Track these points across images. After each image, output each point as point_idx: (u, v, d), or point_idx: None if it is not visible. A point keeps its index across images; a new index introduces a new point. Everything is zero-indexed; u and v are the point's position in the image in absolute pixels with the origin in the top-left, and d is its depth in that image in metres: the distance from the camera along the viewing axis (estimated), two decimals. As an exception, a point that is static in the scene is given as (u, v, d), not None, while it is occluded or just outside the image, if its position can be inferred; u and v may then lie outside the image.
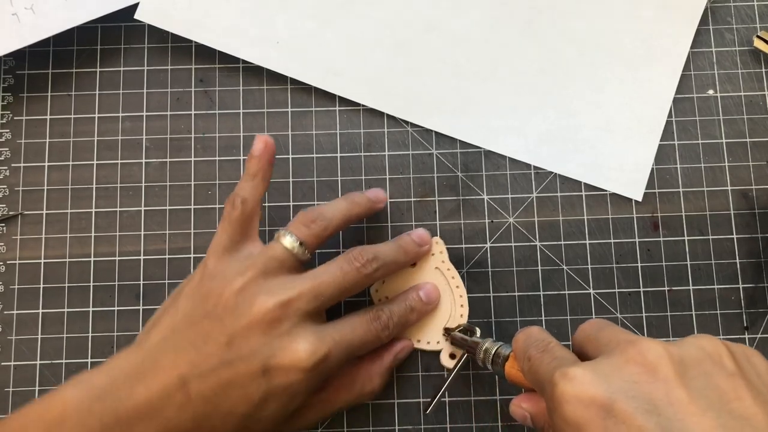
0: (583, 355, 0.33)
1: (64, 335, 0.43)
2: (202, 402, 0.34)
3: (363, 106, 0.45)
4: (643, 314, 0.43)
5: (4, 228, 0.44)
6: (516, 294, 0.43)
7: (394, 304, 0.40)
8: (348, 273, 0.38)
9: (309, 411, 0.38)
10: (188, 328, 0.36)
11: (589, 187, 0.44)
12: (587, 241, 0.44)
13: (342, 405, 0.40)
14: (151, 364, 0.35)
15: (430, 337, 0.42)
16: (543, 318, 0.43)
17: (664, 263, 0.43)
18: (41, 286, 0.43)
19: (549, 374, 0.30)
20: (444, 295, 0.42)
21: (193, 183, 0.45)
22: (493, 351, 0.37)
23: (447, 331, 0.41)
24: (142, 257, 0.44)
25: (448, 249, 0.43)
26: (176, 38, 0.46)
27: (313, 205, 0.43)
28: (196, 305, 0.36)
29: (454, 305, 0.42)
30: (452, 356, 0.41)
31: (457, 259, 0.43)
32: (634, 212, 0.44)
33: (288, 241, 0.38)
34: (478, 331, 0.41)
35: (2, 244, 0.44)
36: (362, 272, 0.38)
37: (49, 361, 0.42)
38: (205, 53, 0.46)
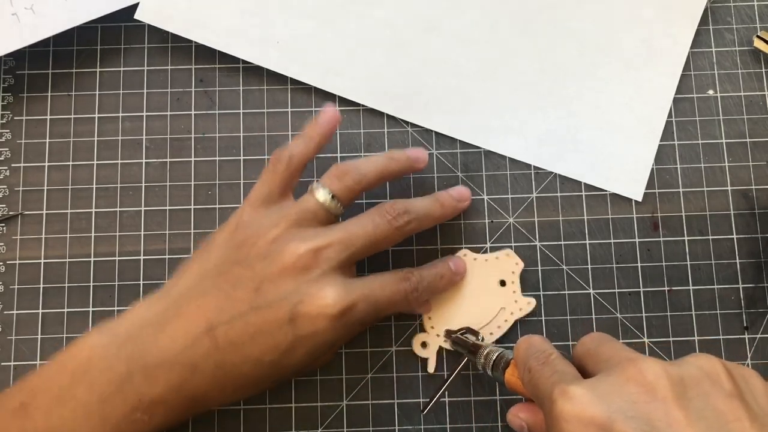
0: (583, 369, 0.33)
1: (64, 335, 0.43)
2: (231, 349, 0.34)
3: (363, 106, 0.45)
4: (643, 314, 0.43)
5: (4, 228, 0.44)
6: (516, 294, 0.43)
7: (423, 269, 0.40)
8: (379, 225, 0.38)
9: (329, 350, 0.39)
10: (218, 276, 0.36)
11: (589, 187, 0.44)
12: (587, 241, 0.44)
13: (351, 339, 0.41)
14: (177, 310, 0.35)
15: (440, 329, 0.42)
16: (543, 318, 0.43)
17: (664, 263, 0.43)
18: (41, 286, 0.43)
19: (549, 389, 0.30)
20: (487, 313, 0.42)
21: (193, 183, 0.44)
22: (494, 356, 0.37)
23: (448, 333, 0.41)
24: (142, 257, 0.44)
25: (447, 249, 0.43)
26: (176, 38, 0.46)
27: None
28: (228, 254, 0.37)
29: (487, 327, 0.42)
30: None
31: (457, 259, 0.43)
32: (634, 212, 0.44)
33: (321, 194, 0.38)
34: (481, 335, 0.41)
35: (2, 244, 0.44)
36: (394, 225, 0.38)
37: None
38: (205, 53, 0.46)
